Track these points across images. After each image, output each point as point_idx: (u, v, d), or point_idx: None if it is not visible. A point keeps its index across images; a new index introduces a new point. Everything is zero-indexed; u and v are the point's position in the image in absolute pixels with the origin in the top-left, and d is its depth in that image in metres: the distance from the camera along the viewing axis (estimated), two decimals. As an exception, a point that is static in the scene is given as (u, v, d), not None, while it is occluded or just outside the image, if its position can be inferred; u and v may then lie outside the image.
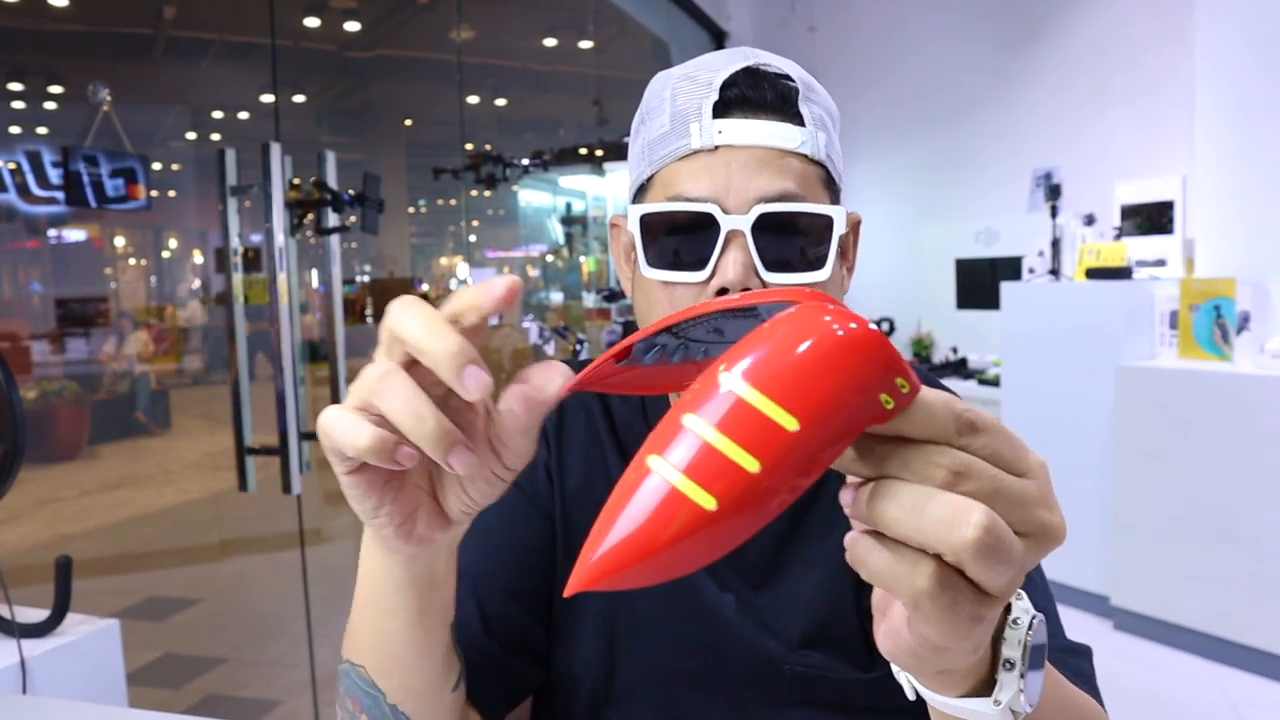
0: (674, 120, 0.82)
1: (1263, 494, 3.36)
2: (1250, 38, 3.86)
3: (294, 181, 2.79)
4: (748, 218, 0.77)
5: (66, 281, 5.05)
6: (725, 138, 0.79)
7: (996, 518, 0.39)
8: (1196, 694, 3.37)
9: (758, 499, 0.36)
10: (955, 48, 5.80)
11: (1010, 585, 0.41)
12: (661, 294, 0.83)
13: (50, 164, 2.98)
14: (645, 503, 0.36)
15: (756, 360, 0.37)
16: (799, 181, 0.79)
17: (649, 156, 0.85)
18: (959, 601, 0.41)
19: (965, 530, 0.38)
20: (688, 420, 0.37)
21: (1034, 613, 0.51)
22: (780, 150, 0.79)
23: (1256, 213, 3.87)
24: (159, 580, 4.55)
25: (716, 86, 0.80)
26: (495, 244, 9.06)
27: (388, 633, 0.66)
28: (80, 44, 4.86)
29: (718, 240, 0.78)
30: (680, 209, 0.80)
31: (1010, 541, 0.40)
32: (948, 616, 0.41)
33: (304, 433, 2.71)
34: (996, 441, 0.42)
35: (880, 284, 6.45)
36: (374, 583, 0.64)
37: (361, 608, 0.67)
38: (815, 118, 0.82)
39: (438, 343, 0.45)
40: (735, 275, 0.77)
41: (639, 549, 0.36)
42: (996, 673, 0.50)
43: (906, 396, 0.39)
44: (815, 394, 0.36)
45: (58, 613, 1.50)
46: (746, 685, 0.87)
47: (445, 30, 6.68)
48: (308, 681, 3.29)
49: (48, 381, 4.55)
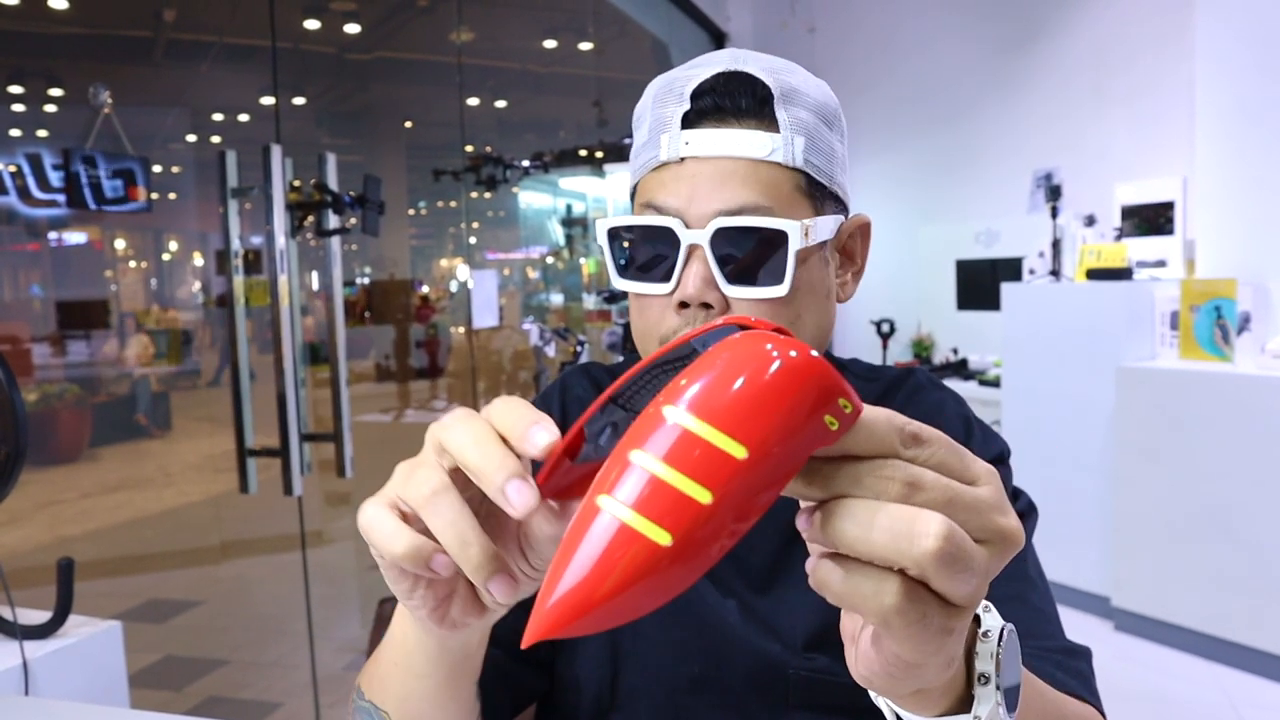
0: (651, 130, 0.82)
1: (1264, 495, 3.36)
2: (1250, 38, 3.86)
3: (294, 183, 2.79)
4: (705, 232, 0.77)
5: (67, 284, 5.05)
6: (692, 149, 0.79)
7: (955, 526, 0.39)
8: (1197, 695, 3.37)
9: (712, 531, 0.35)
10: (955, 49, 5.80)
11: (975, 594, 0.41)
12: (636, 302, 0.84)
13: (50, 166, 2.98)
14: (597, 544, 0.35)
15: (699, 391, 0.37)
16: (767, 192, 0.78)
17: (633, 164, 0.86)
18: (927, 615, 0.40)
19: (926, 541, 0.38)
20: (635, 456, 0.36)
21: (1004, 624, 0.52)
22: (749, 160, 0.78)
23: (1257, 213, 3.88)
24: (160, 582, 4.55)
25: (688, 96, 0.80)
26: (496, 246, 9.06)
27: (415, 692, 0.66)
28: (80, 46, 4.86)
29: (679, 254, 0.78)
30: (641, 223, 0.80)
31: (971, 549, 0.40)
32: (918, 632, 0.41)
33: (305, 434, 2.72)
34: (942, 452, 0.42)
35: (880, 285, 6.45)
36: (407, 649, 0.64)
37: (391, 662, 0.66)
38: (794, 122, 0.80)
39: (486, 461, 0.45)
40: (694, 289, 0.77)
41: (593, 593, 0.35)
42: (973, 688, 0.50)
43: (850, 416, 0.39)
44: (761, 420, 0.36)
45: (59, 614, 1.50)
46: (750, 690, 0.86)
47: (445, 32, 6.68)
48: (309, 683, 3.29)
49: (48, 384, 4.54)
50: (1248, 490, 3.41)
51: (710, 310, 0.78)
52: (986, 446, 0.93)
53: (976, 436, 0.93)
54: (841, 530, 0.39)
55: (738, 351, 0.38)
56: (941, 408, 0.95)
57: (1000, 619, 0.52)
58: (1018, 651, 0.53)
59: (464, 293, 5.80)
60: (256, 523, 5.04)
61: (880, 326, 6.04)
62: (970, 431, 0.94)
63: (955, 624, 0.42)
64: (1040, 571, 0.89)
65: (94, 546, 4.70)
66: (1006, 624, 0.52)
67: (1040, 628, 0.81)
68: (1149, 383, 3.75)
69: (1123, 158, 4.85)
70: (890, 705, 0.53)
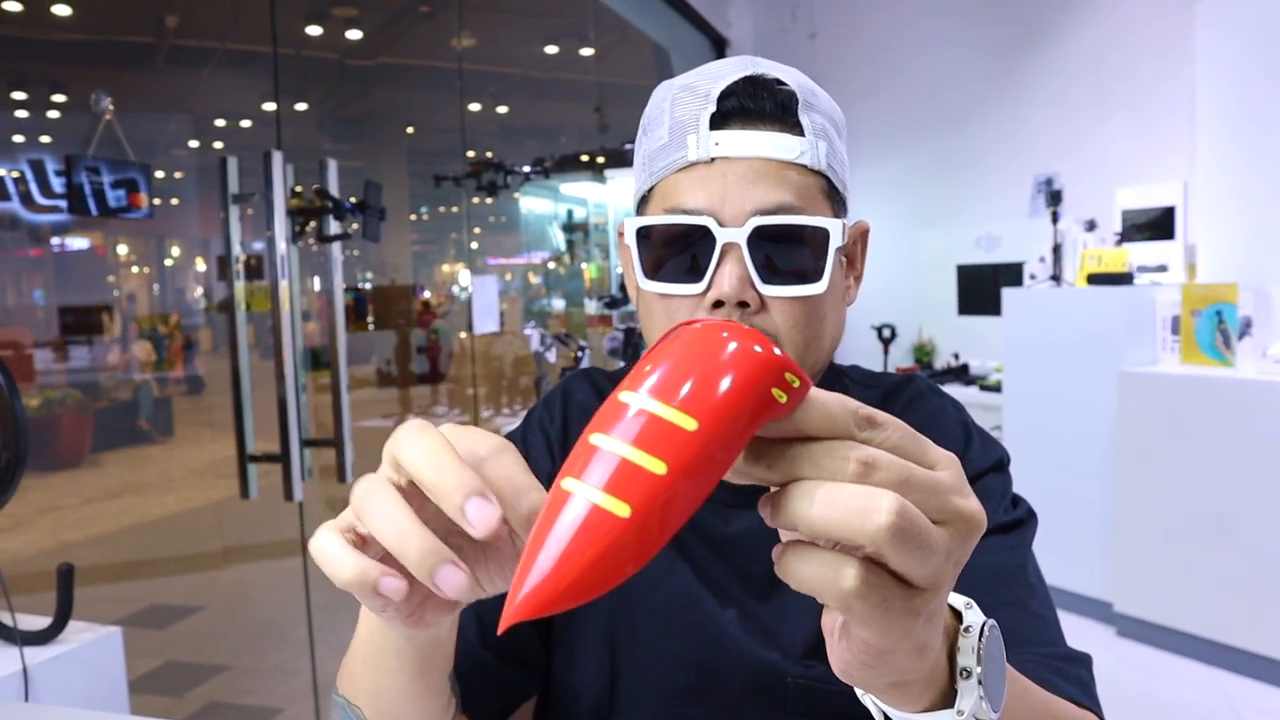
0: (672, 131, 0.82)
1: (1265, 499, 3.35)
2: (1251, 43, 3.86)
3: (296, 189, 2.79)
4: (743, 230, 0.77)
5: (70, 290, 5.06)
6: (722, 149, 0.79)
7: (907, 503, 0.40)
8: (1199, 699, 3.37)
9: (669, 500, 0.37)
10: (956, 54, 5.81)
11: (936, 575, 0.42)
12: (659, 306, 0.83)
13: (53, 173, 2.99)
14: (565, 524, 0.37)
15: (653, 375, 0.40)
16: (797, 193, 0.79)
17: (649, 168, 0.85)
18: (889, 599, 0.41)
19: (879, 516, 0.39)
20: (596, 439, 0.39)
21: (986, 620, 0.52)
22: (778, 161, 0.79)
23: (1258, 218, 3.88)
24: (161, 588, 4.55)
25: (714, 97, 0.80)
26: (497, 251, 9.07)
27: (386, 688, 0.65)
28: (83, 53, 4.87)
29: (714, 253, 0.77)
30: (676, 222, 0.79)
31: (925, 526, 0.40)
32: (880, 615, 0.41)
33: (306, 440, 2.72)
34: (897, 435, 0.42)
35: (881, 290, 6.45)
36: (375, 646, 0.63)
37: (360, 658, 0.65)
38: (816, 127, 0.81)
39: (442, 475, 0.44)
40: (730, 288, 0.77)
41: (561, 571, 0.36)
42: (955, 683, 0.50)
43: (798, 391, 0.41)
44: (709, 393, 0.39)
45: (59, 620, 1.50)
46: (749, 698, 0.86)
47: (447, 38, 6.70)
48: (309, 689, 3.29)
49: (51, 390, 4.55)
50: (1249, 495, 3.41)
51: (746, 309, 0.78)
52: (986, 453, 0.93)
53: (975, 443, 0.93)
54: (800, 511, 0.40)
55: (686, 338, 0.42)
56: (941, 414, 0.95)
57: (982, 615, 0.52)
58: (1002, 648, 0.53)
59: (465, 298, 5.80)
60: (258, 528, 5.04)
61: (881, 331, 6.04)
62: (969, 437, 0.94)
63: (919, 606, 0.42)
64: (1040, 578, 0.88)
65: (96, 552, 4.70)
66: (988, 620, 0.52)
67: (1040, 634, 0.81)
68: (1150, 388, 3.74)
69: (1124, 162, 4.86)
70: (876, 702, 0.53)
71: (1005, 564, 0.85)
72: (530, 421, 1.02)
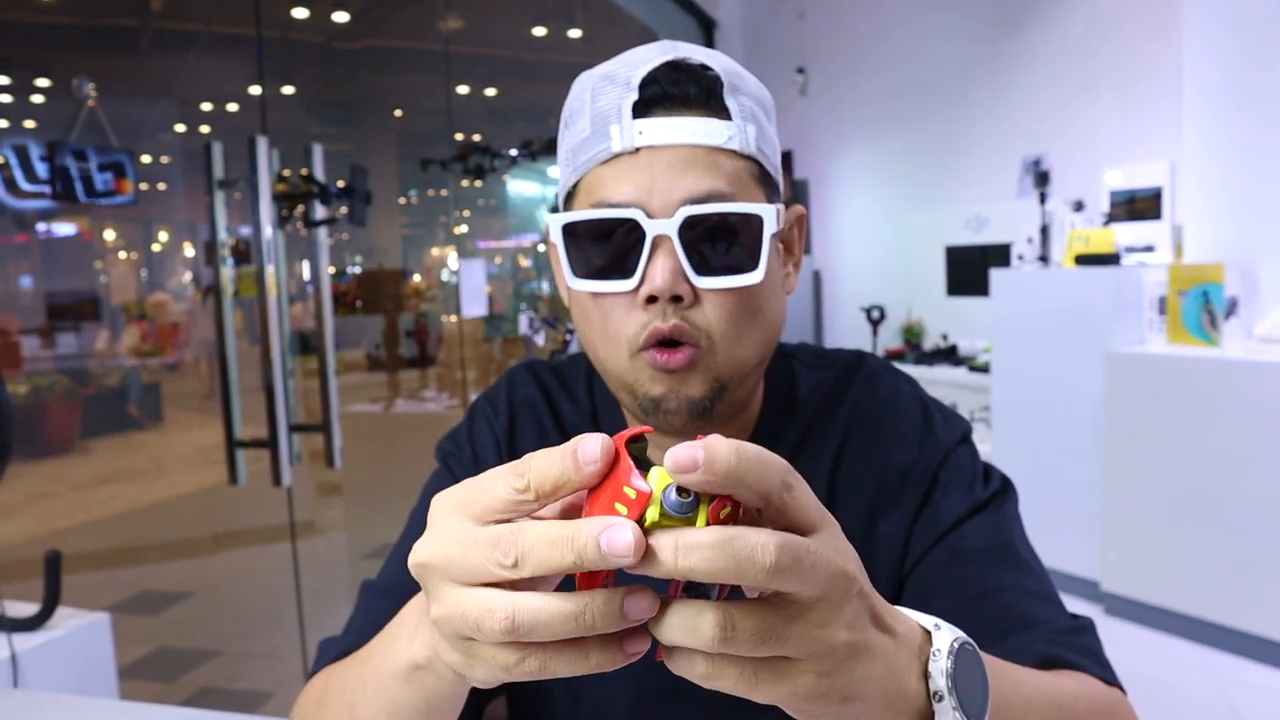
0: (594, 123, 0.78)
1: (1251, 479, 3.38)
2: (1238, 24, 3.86)
3: (282, 174, 2.78)
4: (673, 221, 0.73)
5: (56, 276, 5.04)
6: (646, 138, 0.75)
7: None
8: (1186, 677, 3.40)
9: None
10: (945, 34, 5.80)
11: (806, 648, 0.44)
12: (592, 306, 0.80)
13: (38, 158, 2.97)
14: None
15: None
16: (728, 179, 0.76)
17: (573, 162, 0.81)
18: (757, 676, 0.46)
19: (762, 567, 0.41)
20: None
21: (956, 637, 0.52)
22: (706, 147, 0.76)
23: (1244, 198, 3.89)
24: (152, 574, 4.56)
25: (636, 85, 0.76)
26: (486, 234, 9.03)
27: None
28: (67, 37, 4.83)
29: (644, 247, 0.74)
30: (602, 216, 0.76)
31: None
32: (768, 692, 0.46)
33: (293, 425, 2.72)
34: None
35: (870, 271, 6.46)
36: (403, 714, 0.59)
37: (372, 713, 0.62)
38: (744, 110, 0.78)
39: (561, 528, 0.42)
40: (663, 282, 0.74)
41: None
42: (932, 705, 0.50)
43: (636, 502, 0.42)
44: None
45: (48, 607, 1.51)
46: (719, 696, 0.86)
47: (434, 20, 6.67)
48: (301, 673, 3.30)
49: (38, 376, 4.54)
50: (1236, 474, 3.43)
51: (680, 303, 0.76)
52: (950, 428, 0.91)
53: (937, 419, 0.92)
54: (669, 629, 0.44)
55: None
56: (897, 393, 0.94)
57: (951, 635, 0.52)
58: (980, 661, 0.53)
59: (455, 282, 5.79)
60: (248, 514, 5.04)
61: (870, 313, 6.05)
62: (929, 415, 0.92)
63: (797, 684, 0.45)
64: (1031, 549, 0.88)
65: (86, 539, 4.70)
66: (958, 637, 0.52)
67: (1043, 611, 0.80)
68: (1137, 368, 3.76)
69: (1111, 143, 4.86)
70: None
71: (994, 545, 0.84)
72: (476, 418, 0.99)
